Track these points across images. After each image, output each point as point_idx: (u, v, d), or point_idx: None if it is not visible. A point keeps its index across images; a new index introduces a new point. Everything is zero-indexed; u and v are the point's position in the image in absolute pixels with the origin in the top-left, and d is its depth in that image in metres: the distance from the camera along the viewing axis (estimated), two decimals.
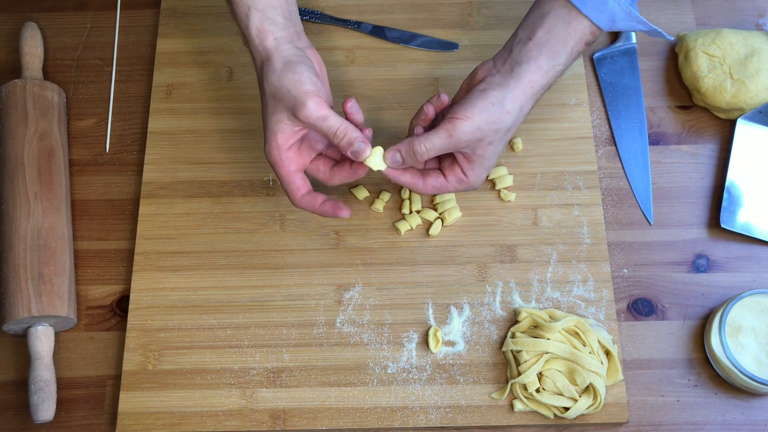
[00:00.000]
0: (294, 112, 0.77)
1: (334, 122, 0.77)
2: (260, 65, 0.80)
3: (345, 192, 0.94)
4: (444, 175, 0.82)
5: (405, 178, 0.82)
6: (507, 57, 0.81)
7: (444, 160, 0.83)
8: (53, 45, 1.03)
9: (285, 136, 0.79)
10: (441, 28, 1.02)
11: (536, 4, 0.81)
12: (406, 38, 1.01)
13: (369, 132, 0.81)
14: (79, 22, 1.05)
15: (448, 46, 1.00)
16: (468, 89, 0.82)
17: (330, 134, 0.78)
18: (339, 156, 0.84)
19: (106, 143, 0.98)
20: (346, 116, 0.80)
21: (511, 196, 0.92)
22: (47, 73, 1.01)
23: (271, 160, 0.80)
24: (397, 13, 1.03)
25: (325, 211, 0.82)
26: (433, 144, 0.79)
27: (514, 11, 1.02)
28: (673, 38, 0.79)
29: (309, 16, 1.02)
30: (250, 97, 0.99)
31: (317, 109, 0.77)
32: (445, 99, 0.82)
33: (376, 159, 0.80)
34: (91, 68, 1.02)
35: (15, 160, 0.91)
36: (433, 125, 0.82)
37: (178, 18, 1.03)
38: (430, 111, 0.82)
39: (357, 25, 1.02)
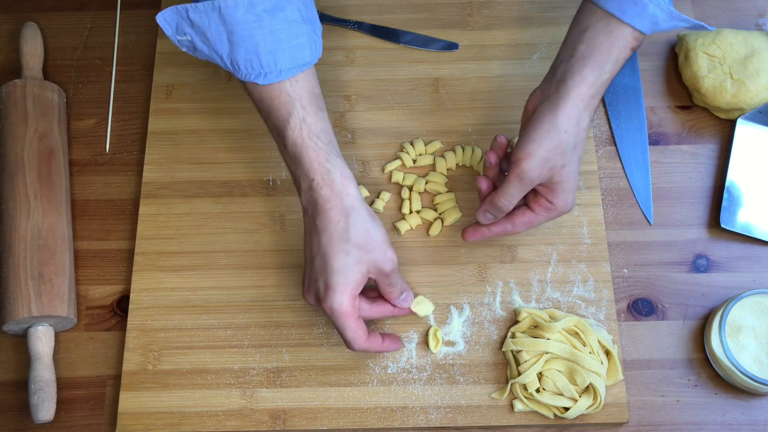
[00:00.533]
0: (382, 264, 0.78)
1: (400, 278, 0.82)
2: (342, 212, 0.78)
3: None
4: (531, 209, 0.82)
5: (494, 230, 0.84)
6: (552, 79, 0.80)
7: (528, 195, 0.83)
8: (53, 45, 1.03)
9: (359, 285, 0.78)
10: (441, 28, 1.02)
11: (575, 22, 0.80)
12: (406, 38, 1.01)
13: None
14: (79, 22, 1.05)
15: (449, 46, 1.00)
16: (525, 123, 0.82)
17: (393, 285, 0.81)
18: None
19: (106, 143, 0.98)
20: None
21: None
22: (47, 73, 1.01)
23: (341, 309, 0.77)
24: (397, 13, 1.03)
25: (387, 347, 0.83)
26: (510, 194, 0.80)
27: (514, 11, 1.02)
28: (714, 28, 0.79)
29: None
30: None
31: (396, 265, 0.80)
32: (503, 140, 0.84)
33: (422, 306, 0.85)
34: (91, 68, 1.02)
35: (15, 160, 0.91)
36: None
37: None
38: (492, 158, 0.84)
39: (357, 26, 1.02)
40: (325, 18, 1.02)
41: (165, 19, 0.78)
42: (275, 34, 0.76)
